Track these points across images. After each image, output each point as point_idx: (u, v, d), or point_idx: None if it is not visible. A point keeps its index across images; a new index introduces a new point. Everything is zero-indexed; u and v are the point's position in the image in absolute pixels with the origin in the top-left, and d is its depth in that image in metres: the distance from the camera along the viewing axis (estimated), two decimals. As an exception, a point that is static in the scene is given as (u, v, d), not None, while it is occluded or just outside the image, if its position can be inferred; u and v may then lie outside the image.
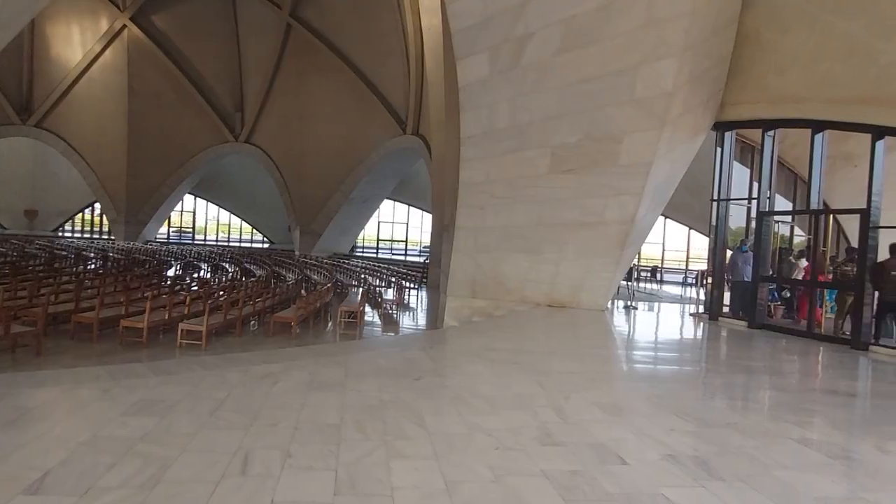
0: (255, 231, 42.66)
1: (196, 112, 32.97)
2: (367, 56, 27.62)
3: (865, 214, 8.35)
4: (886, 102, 7.89)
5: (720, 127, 10.55)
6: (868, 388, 6.58)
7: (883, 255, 8.58)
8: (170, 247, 33.69)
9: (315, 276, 21.06)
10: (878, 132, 8.15)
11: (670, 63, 8.87)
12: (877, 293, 8.53)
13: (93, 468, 3.01)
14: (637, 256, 15.54)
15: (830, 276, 10.22)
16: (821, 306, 10.00)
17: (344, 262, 26.71)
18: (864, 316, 8.44)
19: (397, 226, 38.11)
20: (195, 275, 21.83)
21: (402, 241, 38.22)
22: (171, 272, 22.72)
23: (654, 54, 8.92)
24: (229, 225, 43.22)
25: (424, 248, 33.33)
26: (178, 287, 14.78)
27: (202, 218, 42.99)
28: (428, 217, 29.93)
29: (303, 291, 15.34)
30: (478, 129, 10.90)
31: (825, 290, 10.35)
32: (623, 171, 9.79)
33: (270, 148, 32.40)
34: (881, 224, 8.34)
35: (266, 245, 40.38)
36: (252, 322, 11.91)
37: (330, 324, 12.85)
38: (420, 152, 25.54)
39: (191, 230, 42.63)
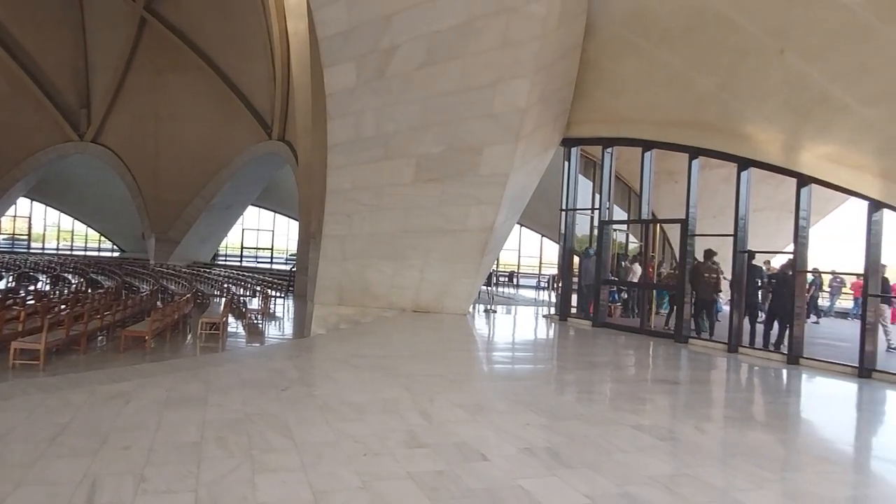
0: (102, 239, 38.79)
1: (34, 107, 29.11)
2: (230, 57, 26.31)
3: (684, 224, 9.63)
4: (699, 126, 9.16)
5: (567, 143, 11.52)
6: (688, 377, 7.57)
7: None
8: (0, 256, 29.61)
9: (173, 287, 19.74)
10: (694, 152, 9.44)
11: (524, 82, 9.56)
12: (694, 293, 9.85)
13: None
14: (496, 262, 16.39)
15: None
16: (650, 305, 11.33)
17: (205, 272, 25.25)
18: (685, 313, 9.70)
19: (262, 233, 36.63)
20: (31, 287, 19.64)
21: (267, 249, 36.82)
22: (1, 284, 20.16)
23: (509, 73, 9.56)
24: (72, 232, 38.96)
25: (291, 255, 32.42)
26: (11, 301, 13.03)
27: (40, 224, 38.43)
28: (295, 224, 29.17)
29: (159, 303, 14.31)
30: (345, 137, 10.91)
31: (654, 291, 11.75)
32: (483, 181, 10.35)
33: (122, 149, 29.52)
34: (697, 232, 9.66)
35: (116, 254, 36.90)
36: (100, 338, 10.90)
37: (189, 336, 12.10)
38: (286, 158, 24.85)
39: (26, 238, 37.83)
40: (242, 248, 36.90)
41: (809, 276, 12.55)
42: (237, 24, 24.98)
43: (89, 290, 17.54)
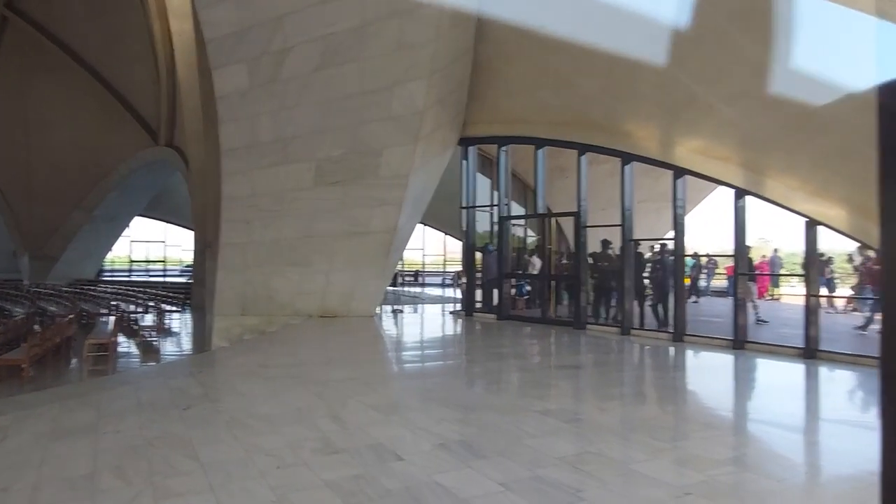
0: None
1: None
2: (108, 59, 24.23)
3: (577, 216, 10.19)
4: (586, 125, 9.73)
5: (464, 142, 11.80)
6: (587, 360, 8.03)
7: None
8: None
9: (53, 308, 17.99)
10: (582, 149, 10.00)
11: (420, 84, 9.68)
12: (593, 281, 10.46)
13: None
14: (400, 262, 16.47)
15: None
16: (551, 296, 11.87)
17: (89, 289, 23.23)
18: (581, 301, 10.25)
19: (153, 245, 34.34)
20: None
21: (160, 262, 34.57)
22: None
23: (405, 76, 9.65)
24: (-74, 254, 34.21)
25: (186, 267, 30.64)
26: None
27: None
28: (189, 234, 27.56)
29: (36, 326, 13.00)
30: (240, 142, 10.52)
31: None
32: (384, 183, 10.38)
33: (-16, 159, 26.42)
34: (588, 224, 10.24)
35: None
36: (-32, 370, 9.75)
37: (75, 361, 11.12)
38: (176, 165, 23.39)
39: None
40: (131, 261, 34.40)
41: (691, 260, 13.71)
42: (114, 23, 23.11)
43: (-49, 319, 15.58)
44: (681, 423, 4.93)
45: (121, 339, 12.42)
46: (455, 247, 25.83)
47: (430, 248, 29.53)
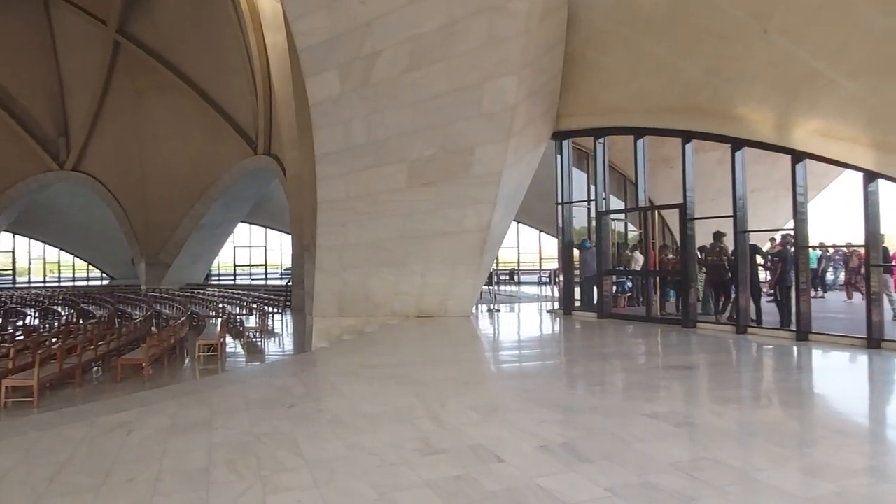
0: (91, 268, 38.52)
1: (9, 137, 28.37)
2: (209, 74, 26.10)
3: (683, 208, 9.57)
4: (690, 111, 9.12)
5: (558, 136, 11.47)
6: (698, 361, 7.48)
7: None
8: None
9: (167, 311, 19.58)
10: (686, 136, 9.38)
11: (511, 79, 9.50)
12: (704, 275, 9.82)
13: None
14: (495, 261, 16.31)
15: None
16: (656, 292, 11.24)
17: (199, 293, 25.05)
18: (690, 297, 9.63)
19: (255, 249, 36.53)
20: (19, 322, 19.32)
21: (261, 265, 36.71)
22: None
23: (495, 71, 9.50)
24: (59, 263, 38.62)
25: (286, 270, 32.30)
26: (-1, 338, 12.84)
27: (24, 258, 37.84)
28: (287, 238, 29.06)
29: (154, 328, 14.14)
30: (334, 146, 10.82)
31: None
32: (477, 181, 10.28)
33: (104, 175, 29.17)
34: (696, 216, 9.60)
35: (106, 282, 36.67)
36: (95, 369, 10.73)
37: (188, 360, 11.95)
38: (274, 172, 24.74)
39: (10, 272, 37.24)
40: (235, 265, 36.74)
41: (818, 252, 12.51)
42: (214, 41, 24.76)
43: (81, 321, 17.22)
44: (808, 429, 4.45)
45: (228, 339, 13.21)
46: (550, 244, 25.34)
47: (526, 245, 29.21)
